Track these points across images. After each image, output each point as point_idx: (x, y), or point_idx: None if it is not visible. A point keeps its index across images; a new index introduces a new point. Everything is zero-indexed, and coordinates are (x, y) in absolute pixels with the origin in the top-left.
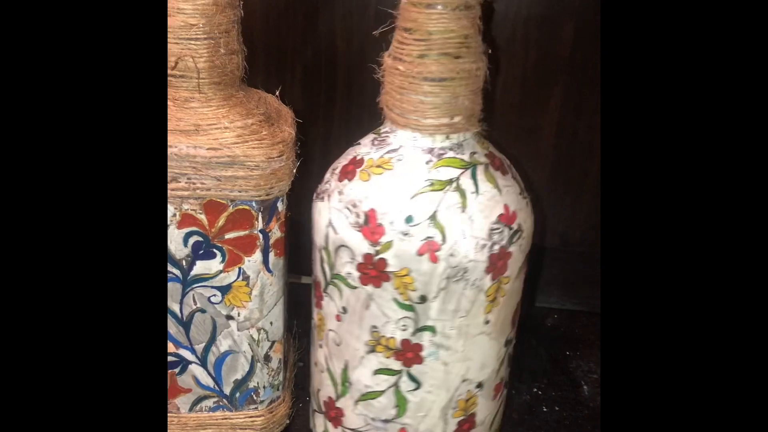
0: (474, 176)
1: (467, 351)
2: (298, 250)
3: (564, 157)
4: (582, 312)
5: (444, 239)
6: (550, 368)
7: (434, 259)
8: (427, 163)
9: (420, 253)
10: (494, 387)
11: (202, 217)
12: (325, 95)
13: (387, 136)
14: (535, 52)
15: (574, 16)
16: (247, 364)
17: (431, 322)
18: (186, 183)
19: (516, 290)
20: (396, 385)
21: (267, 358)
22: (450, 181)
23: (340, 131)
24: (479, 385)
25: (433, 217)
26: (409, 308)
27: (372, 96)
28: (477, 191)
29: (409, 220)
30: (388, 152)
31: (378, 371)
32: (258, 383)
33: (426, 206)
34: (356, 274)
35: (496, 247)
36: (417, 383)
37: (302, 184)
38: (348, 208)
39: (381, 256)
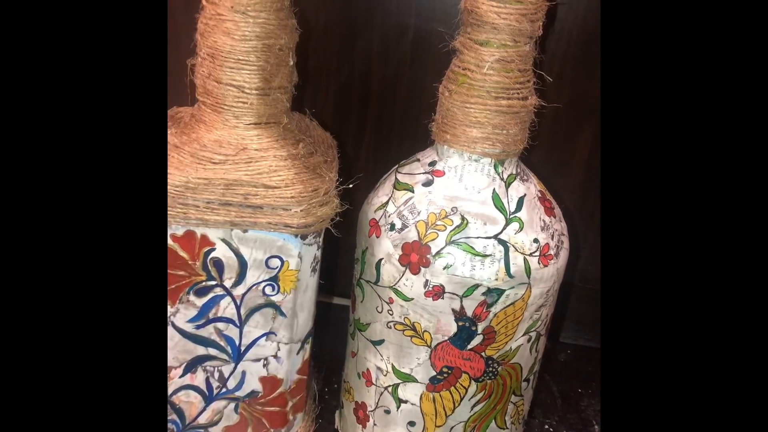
0: None
1: None
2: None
3: (589, 194)
4: (595, 348)
5: None
6: (562, 405)
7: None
8: None
9: None
10: None
11: None
12: (357, 120)
13: None
14: (569, 90)
15: None
16: None
17: None
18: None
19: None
20: None
21: None
22: None
23: (367, 155)
24: None
25: None
26: None
27: (402, 123)
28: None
29: None
30: None
31: None
32: None
33: None
34: None
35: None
36: None
37: None
38: None
39: None
